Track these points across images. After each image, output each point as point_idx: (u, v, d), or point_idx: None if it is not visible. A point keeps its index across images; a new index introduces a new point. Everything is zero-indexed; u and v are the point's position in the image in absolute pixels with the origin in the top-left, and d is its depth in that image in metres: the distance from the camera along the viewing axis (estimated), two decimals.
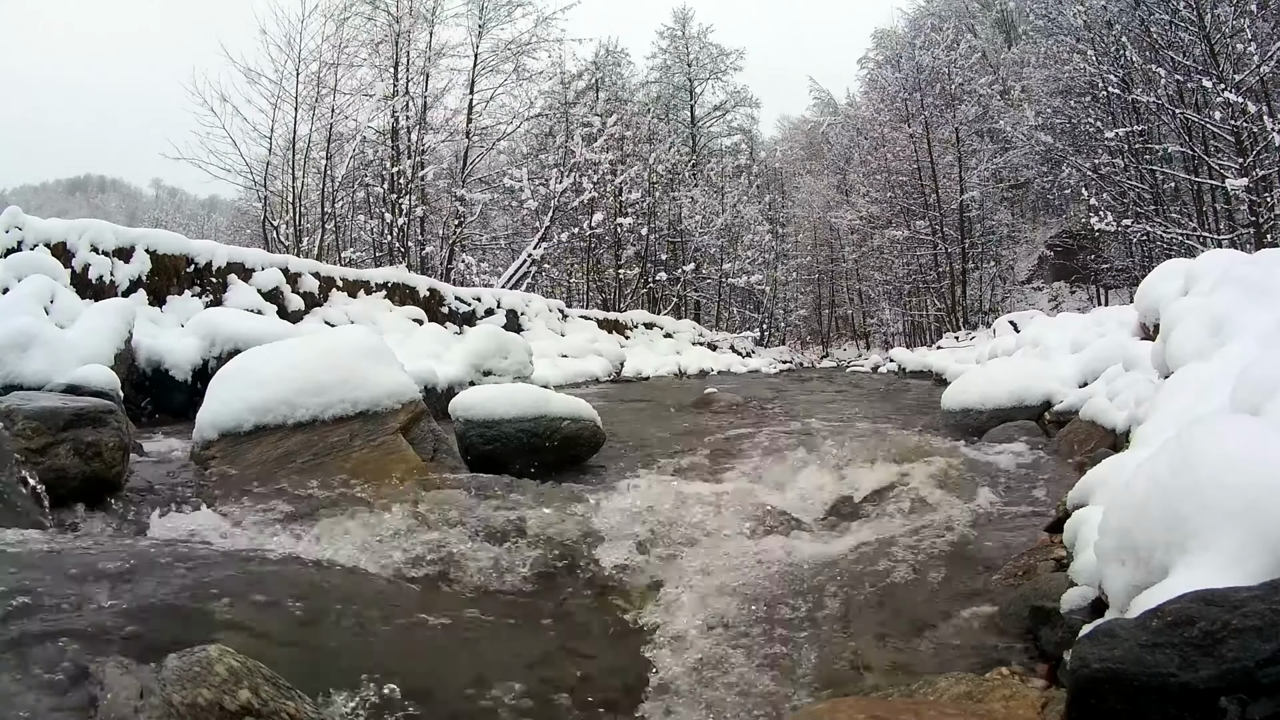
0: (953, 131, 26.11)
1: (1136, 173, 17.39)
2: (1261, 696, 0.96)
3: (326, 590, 2.01)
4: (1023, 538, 2.67)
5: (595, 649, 1.94)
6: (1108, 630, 1.13)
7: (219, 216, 41.91)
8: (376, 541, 2.45)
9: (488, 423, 4.02)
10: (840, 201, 31.15)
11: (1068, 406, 4.80)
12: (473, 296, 13.88)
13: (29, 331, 4.23)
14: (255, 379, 3.34)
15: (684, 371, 16.58)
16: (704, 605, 2.14)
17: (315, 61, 17.45)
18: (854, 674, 1.83)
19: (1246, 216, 14.29)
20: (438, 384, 6.43)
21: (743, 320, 31.29)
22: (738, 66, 34.29)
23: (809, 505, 3.26)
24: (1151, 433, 2.32)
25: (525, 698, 1.60)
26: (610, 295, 25.33)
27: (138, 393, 5.50)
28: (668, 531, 2.69)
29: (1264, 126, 12.68)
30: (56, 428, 2.58)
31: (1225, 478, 1.27)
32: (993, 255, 27.42)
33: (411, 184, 18.78)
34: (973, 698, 1.50)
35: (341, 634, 1.74)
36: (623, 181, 24.24)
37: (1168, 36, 15.13)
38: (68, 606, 1.62)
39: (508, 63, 21.28)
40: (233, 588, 1.86)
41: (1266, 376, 1.71)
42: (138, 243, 7.76)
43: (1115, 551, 1.46)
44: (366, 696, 1.47)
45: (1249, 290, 2.68)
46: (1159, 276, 4.13)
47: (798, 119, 40.98)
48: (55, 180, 60.87)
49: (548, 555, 2.47)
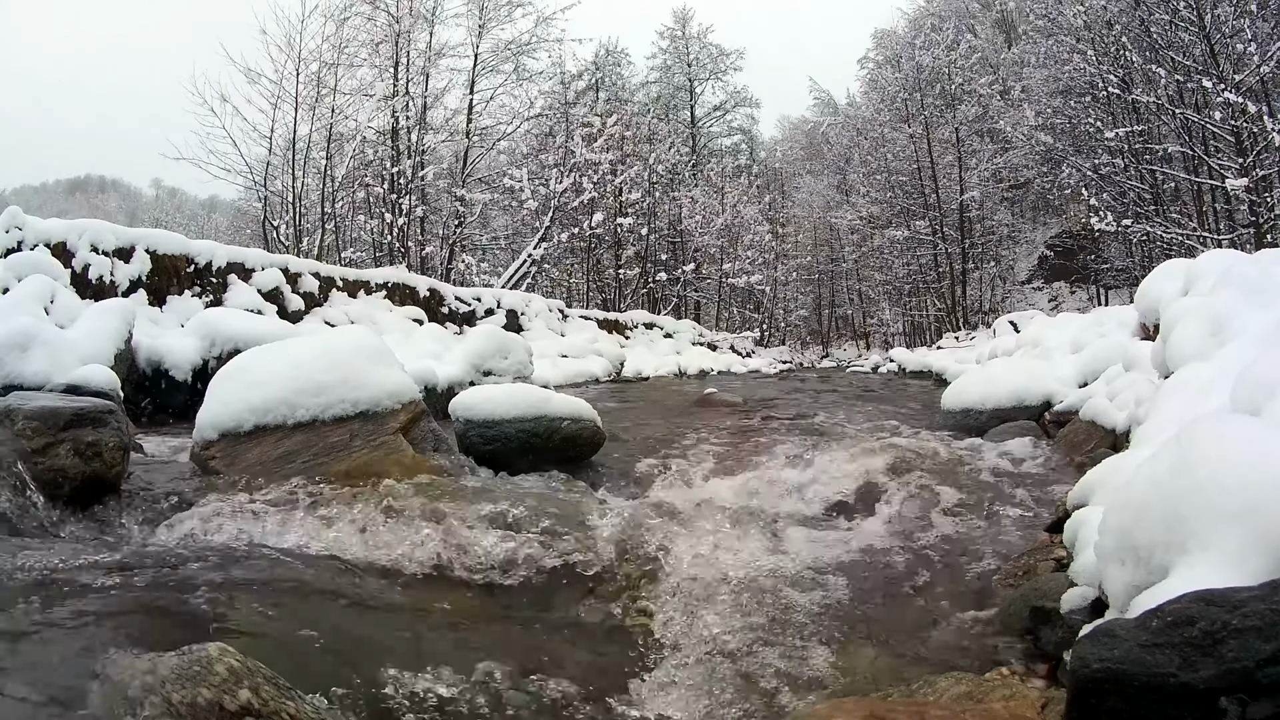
0: (953, 131, 26.13)
1: (1136, 173, 17.39)
2: (1261, 696, 0.96)
3: (327, 590, 2.01)
4: (1023, 538, 2.67)
5: (594, 648, 1.94)
6: (1108, 630, 1.13)
7: (219, 216, 41.89)
8: (376, 541, 2.45)
9: (488, 423, 4.01)
10: (840, 201, 31.16)
11: (1068, 406, 4.80)
12: (473, 297, 13.88)
13: (29, 331, 4.23)
14: (255, 379, 3.33)
15: (684, 372, 16.58)
16: (703, 605, 2.14)
17: (315, 61, 17.46)
18: (854, 674, 1.83)
19: (1246, 216, 14.29)
20: (438, 384, 6.43)
21: (743, 320, 31.28)
22: (738, 67, 34.35)
23: (808, 505, 3.26)
24: (1151, 433, 2.32)
25: (523, 696, 1.60)
26: (610, 295, 25.32)
27: (138, 393, 5.50)
28: (667, 531, 2.69)
29: (1264, 126, 12.69)
30: (56, 428, 2.58)
31: (1225, 478, 1.27)
32: (993, 255, 27.43)
33: (411, 184, 18.78)
34: (973, 698, 1.50)
35: (342, 633, 1.74)
36: (623, 181, 24.23)
37: (1168, 36, 15.13)
38: (67, 606, 1.62)
39: (508, 63, 21.30)
40: (233, 587, 1.87)
41: (1266, 376, 1.71)
42: (138, 243, 7.77)
43: (1115, 552, 1.46)
44: (366, 696, 1.47)
45: (1249, 290, 2.68)
46: (1159, 276, 4.12)
47: (798, 119, 41.00)
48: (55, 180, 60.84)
49: (547, 555, 2.47)
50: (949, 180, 26.06)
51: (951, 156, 26.21)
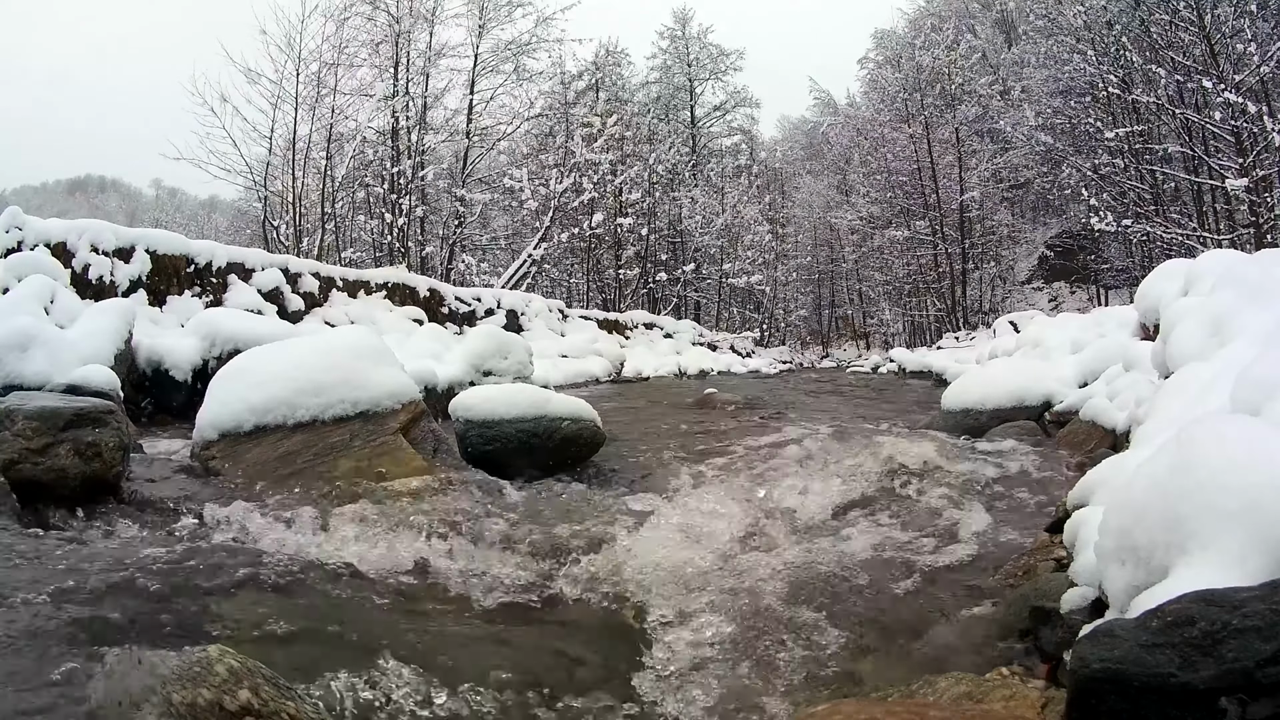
0: (953, 132, 26.14)
1: (1136, 173, 17.40)
2: (1262, 697, 0.96)
3: (326, 590, 2.02)
4: (1023, 538, 2.67)
5: (593, 650, 1.94)
6: (1108, 630, 1.13)
7: (219, 217, 41.88)
8: (376, 541, 2.45)
9: (488, 423, 4.02)
10: (840, 202, 31.18)
11: (1068, 407, 4.80)
12: (473, 297, 13.88)
13: (29, 332, 4.22)
14: (255, 379, 3.34)
15: (684, 372, 16.58)
16: (702, 606, 2.14)
17: (315, 62, 17.49)
18: (854, 674, 1.83)
19: (1246, 216, 14.30)
20: (438, 384, 6.43)
21: (743, 320, 31.29)
22: (738, 67, 34.32)
23: (808, 505, 3.26)
24: (1151, 433, 2.31)
25: (522, 698, 1.60)
26: (610, 295, 25.32)
27: (138, 393, 5.50)
28: (666, 531, 2.69)
29: (1264, 126, 12.69)
30: (56, 428, 2.57)
31: (1225, 478, 1.27)
32: (993, 255, 27.44)
33: (411, 184, 18.79)
34: (973, 698, 1.50)
35: (341, 634, 1.74)
36: (623, 182, 24.24)
37: (1168, 36, 15.14)
38: (67, 606, 1.62)
39: (508, 63, 21.32)
40: (233, 588, 1.87)
41: (1266, 376, 1.71)
42: (138, 243, 7.77)
43: (1115, 552, 1.46)
44: (366, 696, 1.47)
45: (1249, 290, 2.67)
46: (1159, 277, 4.12)
47: (798, 119, 41.06)
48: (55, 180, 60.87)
49: (546, 555, 2.47)
50: (949, 180, 26.06)
51: (951, 156, 26.22)
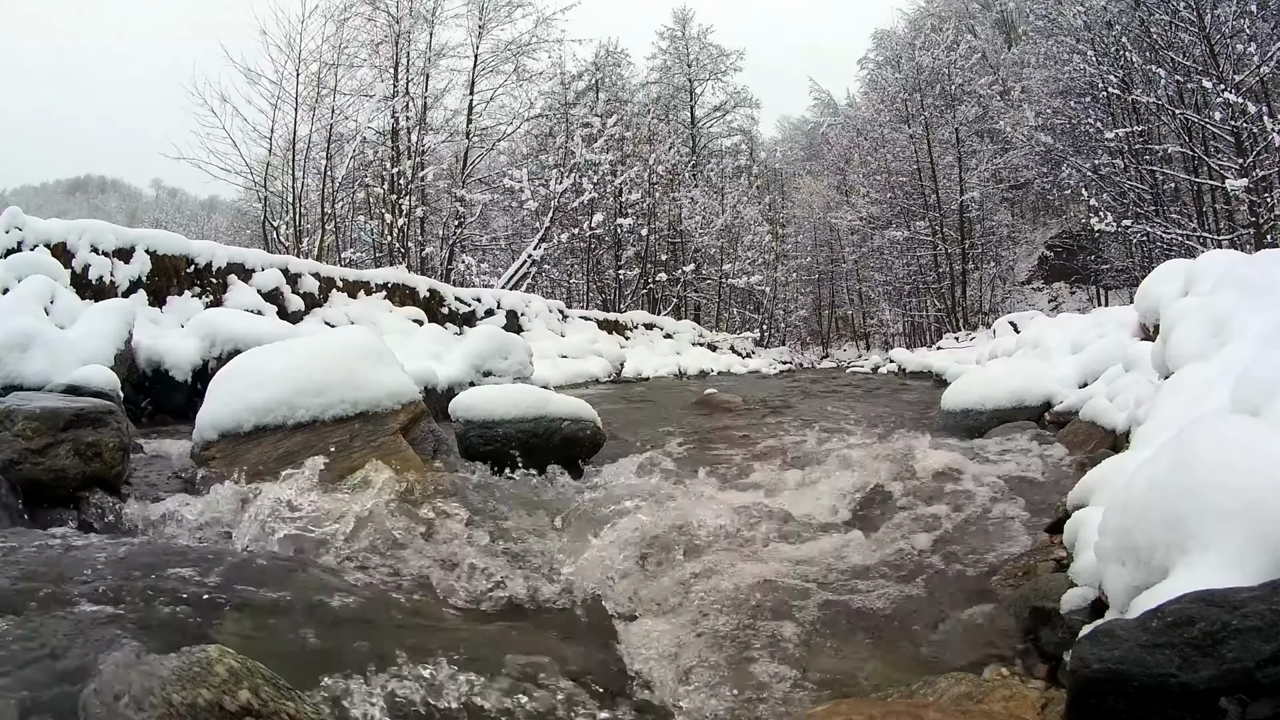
0: (953, 132, 26.16)
1: (1136, 173, 17.40)
2: (1262, 697, 0.96)
3: (326, 591, 2.01)
4: (1023, 538, 2.67)
5: (593, 651, 1.94)
6: (1108, 630, 1.13)
7: (219, 217, 41.91)
8: (375, 542, 2.45)
9: (488, 423, 4.01)
10: (840, 202, 31.18)
11: (1068, 407, 4.80)
12: (473, 297, 13.88)
13: (29, 332, 4.22)
14: (255, 380, 3.33)
15: (684, 372, 16.58)
16: (702, 606, 2.14)
17: (315, 62, 17.50)
18: (854, 674, 1.83)
19: (1246, 216, 14.30)
20: (438, 384, 6.43)
21: (743, 321, 31.30)
22: (738, 67, 34.36)
23: (807, 505, 3.26)
24: (1151, 433, 2.31)
25: (521, 701, 1.60)
26: (610, 296, 25.33)
27: (138, 393, 5.50)
28: (666, 531, 2.69)
29: (1264, 127, 12.69)
30: (56, 428, 2.58)
31: (1225, 478, 1.27)
32: (993, 256, 27.46)
33: (411, 184, 18.79)
34: (973, 698, 1.50)
35: (341, 635, 1.74)
36: (623, 182, 24.25)
37: (1168, 37, 15.14)
38: (66, 607, 1.62)
39: (508, 63, 21.32)
40: (232, 588, 1.87)
41: (1266, 377, 1.71)
42: (138, 243, 7.76)
43: (1115, 552, 1.46)
44: (365, 697, 1.47)
45: (1249, 291, 2.67)
46: (1159, 277, 4.12)
47: (798, 119, 41.08)
48: (55, 180, 60.93)
49: (546, 556, 2.47)
50: (949, 181, 26.08)
51: (951, 157, 26.24)
